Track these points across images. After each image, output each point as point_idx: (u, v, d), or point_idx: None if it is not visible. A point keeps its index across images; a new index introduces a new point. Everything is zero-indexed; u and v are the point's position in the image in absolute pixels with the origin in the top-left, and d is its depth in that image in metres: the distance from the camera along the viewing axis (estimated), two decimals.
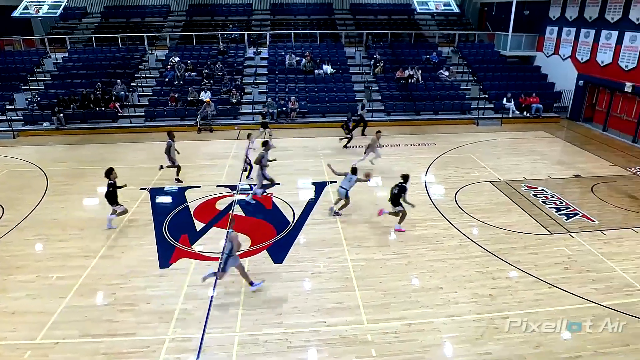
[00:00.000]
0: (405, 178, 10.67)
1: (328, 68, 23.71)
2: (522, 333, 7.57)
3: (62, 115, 19.98)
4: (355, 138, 18.02)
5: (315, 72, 23.65)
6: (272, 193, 13.16)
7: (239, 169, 14.74)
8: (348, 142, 17.60)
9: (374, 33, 27.60)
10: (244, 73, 24.16)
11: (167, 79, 22.62)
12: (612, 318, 7.89)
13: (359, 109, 19.25)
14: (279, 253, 10.00)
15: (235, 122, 20.89)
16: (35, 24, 27.78)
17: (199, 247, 10.31)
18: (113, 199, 10.94)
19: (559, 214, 11.90)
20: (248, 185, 13.67)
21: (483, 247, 10.28)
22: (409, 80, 22.82)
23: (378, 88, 22.98)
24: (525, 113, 21.87)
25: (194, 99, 21.12)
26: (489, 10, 29.47)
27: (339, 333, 7.59)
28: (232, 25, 28.46)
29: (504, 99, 21.92)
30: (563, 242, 10.54)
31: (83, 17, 29.23)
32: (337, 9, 30.44)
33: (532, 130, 20.21)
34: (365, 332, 7.61)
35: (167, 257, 9.87)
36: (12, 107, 21.17)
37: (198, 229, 11.11)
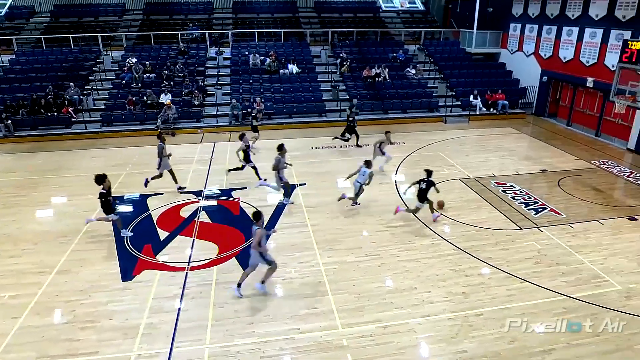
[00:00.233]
0: (430, 173, 11.29)
1: (293, 67, 23.73)
2: (496, 329, 7.79)
3: (10, 122, 19.15)
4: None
5: (281, 71, 23.61)
6: (239, 198, 13.03)
7: (204, 174, 14.52)
8: (357, 139, 17.83)
9: (340, 31, 27.83)
10: (206, 74, 23.87)
11: (124, 81, 22.06)
12: (584, 311, 8.23)
13: (348, 111, 19.36)
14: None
15: (199, 125, 20.58)
16: None
17: (164, 257, 10.09)
18: (108, 208, 10.66)
19: (528, 209, 12.32)
20: (218, 190, 13.51)
21: (455, 245, 10.52)
22: (376, 79, 23.12)
23: (345, 87, 23.17)
24: (492, 110, 22.53)
25: (154, 102, 20.68)
26: (454, 8, 30.25)
27: (314, 339, 7.59)
28: (192, 24, 28.08)
29: (471, 96, 22.52)
30: (533, 236, 10.92)
31: (31, 16, 28.14)
32: (301, 7, 30.52)
33: (499, 127, 20.85)
34: (341, 337, 7.64)
35: (129, 269, 9.62)
36: None
37: (162, 238, 10.87)
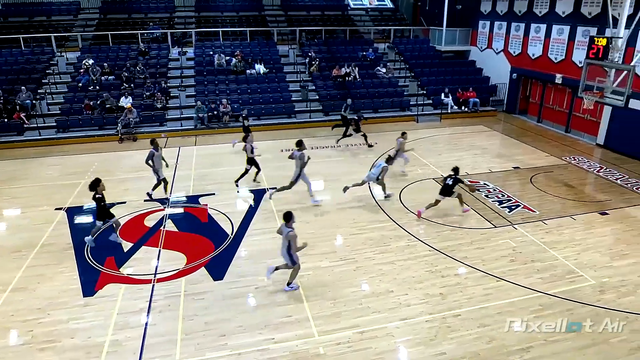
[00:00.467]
0: (457, 170, 11.77)
1: (260, 67, 23.63)
2: (474, 330, 7.93)
3: None
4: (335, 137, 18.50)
5: (247, 72, 23.48)
6: (206, 204, 12.87)
7: (169, 180, 14.25)
8: (365, 139, 17.91)
9: (308, 30, 27.91)
10: (169, 75, 23.50)
11: (80, 84, 21.45)
12: (560, 307, 8.50)
13: (342, 110, 19.51)
14: (219, 269, 9.79)
15: (162, 129, 20.23)
16: None
17: (128, 269, 9.85)
18: (104, 214, 10.45)
19: (502, 207, 12.64)
20: (184, 197, 13.30)
21: (431, 245, 10.68)
22: (346, 78, 23.27)
23: (315, 87, 23.23)
24: (464, 108, 23.04)
25: (113, 106, 20.21)
26: (423, 5, 30.80)
27: (289, 349, 7.55)
28: (152, 24, 27.60)
29: (442, 95, 22.96)
30: (507, 234, 11.20)
31: None
32: (267, 5, 30.45)
33: (470, 125, 21.33)
34: (317, 345, 7.63)
35: (91, 283, 9.33)
36: None
37: (125, 250, 10.61)
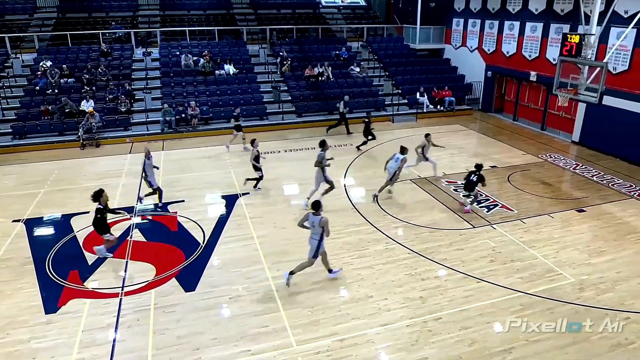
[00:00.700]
0: (480, 167, 12.37)
1: (230, 68, 23.48)
2: (455, 333, 8.04)
3: None
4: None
5: (216, 72, 23.30)
6: (176, 212, 12.69)
7: (135, 188, 14.02)
8: (372, 138, 17.93)
9: (278, 29, 27.90)
10: (133, 77, 23.10)
11: (38, 88, 20.86)
12: (541, 307, 8.69)
13: (341, 107, 19.58)
14: (190, 279, 9.65)
15: (127, 134, 19.86)
16: None
17: (93, 283, 9.62)
18: (103, 228, 10.18)
19: (480, 207, 12.87)
20: (153, 205, 13.08)
21: (409, 248, 10.78)
22: (319, 78, 23.35)
23: (287, 88, 23.21)
24: (439, 107, 23.40)
25: (73, 110, 19.73)
26: (396, 3, 31.19)
27: None
28: (114, 23, 27.10)
29: (417, 94, 23.27)
30: (486, 234, 11.41)
31: None
32: (235, 3, 30.28)
33: (447, 124, 21.68)
34: (296, 354, 7.59)
35: (54, 299, 9.06)
36: None
37: (90, 263, 10.36)
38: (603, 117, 17.06)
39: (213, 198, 13.70)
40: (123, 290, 9.33)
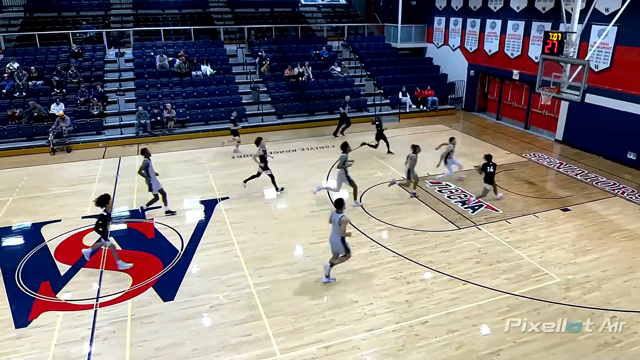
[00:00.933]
0: (490, 157, 13.06)
1: (207, 69, 23.34)
2: (442, 336, 8.09)
3: None
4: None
5: (193, 73, 23.13)
6: (152, 219, 12.54)
7: (110, 193, 13.78)
8: (371, 145, 17.98)
9: (257, 28, 27.84)
10: (106, 79, 22.80)
11: (4, 91, 20.44)
12: (528, 307, 8.80)
13: (341, 108, 19.61)
14: (169, 288, 9.54)
15: (100, 138, 19.58)
16: None
17: (66, 294, 9.43)
18: (105, 234, 9.95)
19: (465, 208, 13.01)
20: (127, 212, 12.89)
21: (394, 251, 10.83)
22: (300, 79, 23.36)
23: (266, 89, 23.17)
24: (422, 107, 23.62)
25: (43, 114, 19.38)
26: (377, 1, 31.44)
27: None
28: (85, 22, 26.71)
29: (400, 94, 23.45)
30: (471, 235, 11.54)
31: None
32: (212, 2, 30.16)
33: (430, 124, 21.89)
34: None
35: (24, 312, 8.86)
36: None
37: (62, 273, 10.16)
38: (586, 115, 17.41)
39: (191, 203, 13.58)
40: (98, 302, 9.17)
